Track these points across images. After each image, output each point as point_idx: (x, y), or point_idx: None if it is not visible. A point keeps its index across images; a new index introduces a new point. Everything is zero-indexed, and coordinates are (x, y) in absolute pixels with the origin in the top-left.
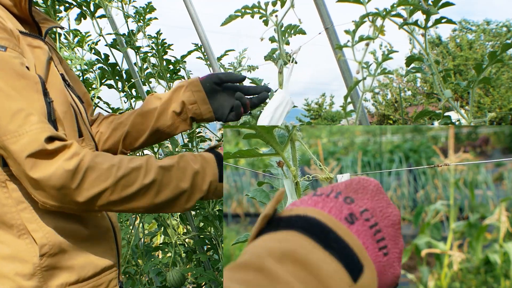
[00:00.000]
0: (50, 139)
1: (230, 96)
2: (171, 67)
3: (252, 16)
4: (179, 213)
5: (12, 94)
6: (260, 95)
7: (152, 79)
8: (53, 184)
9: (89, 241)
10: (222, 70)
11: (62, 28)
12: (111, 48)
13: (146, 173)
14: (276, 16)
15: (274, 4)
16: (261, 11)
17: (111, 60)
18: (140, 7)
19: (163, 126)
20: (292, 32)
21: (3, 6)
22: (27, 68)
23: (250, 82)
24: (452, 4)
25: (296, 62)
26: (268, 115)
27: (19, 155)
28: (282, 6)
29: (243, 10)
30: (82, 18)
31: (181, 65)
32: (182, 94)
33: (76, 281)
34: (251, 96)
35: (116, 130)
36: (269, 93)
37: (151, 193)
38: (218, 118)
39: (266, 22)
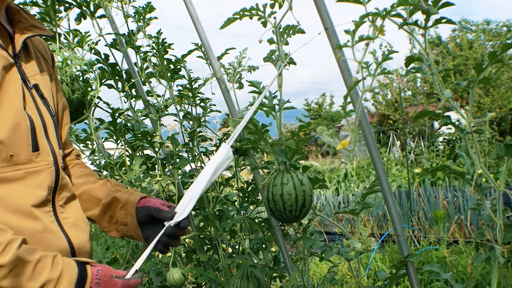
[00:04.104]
0: None
1: (161, 226)
2: (172, 66)
3: (251, 18)
4: None
5: None
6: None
7: (152, 79)
8: None
9: None
10: (222, 70)
11: (53, 36)
12: (111, 48)
13: (2, 255)
14: (275, 18)
15: (272, 6)
16: (259, 13)
17: (111, 60)
18: (140, 7)
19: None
20: (291, 32)
21: None
22: None
23: (249, 85)
24: (452, 4)
25: (294, 63)
26: (211, 170)
27: None
28: (280, 7)
29: (241, 13)
30: (82, 18)
31: (181, 64)
32: (118, 211)
33: None
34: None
35: (89, 202)
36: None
37: None
38: (148, 242)
39: (264, 24)
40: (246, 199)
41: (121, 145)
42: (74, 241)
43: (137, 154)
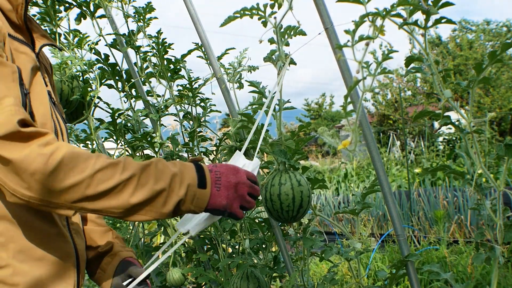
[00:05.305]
0: (24, 123)
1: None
2: (172, 66)
3: (251, 17)
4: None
5: None
6: None
7: (152, 79)
8: (26, 167)
9: (41, 262)
10: (222, 70)
11: (59, 49)
12: (111, 48)
13: (124, 169)
14: (275, 18)
15: (272, 6)
16: (259, 12)
17: (111, 60)
18: (140, 7)
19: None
20: (292, 33)
21: (2, 11)
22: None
23: (249, 85)
24: (452, 4)
25: (294, 63)
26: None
27: None
28: (279, 8)
29: (242, 12)
30: (82, 18)
31: (181, 64)
32: (106, 257)
33: None
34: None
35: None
36: None
37: (128, 190)
38: None
39: (265, 24)
40: None
41: (121, 145)
42: (78, 247)
43: (137, 154)
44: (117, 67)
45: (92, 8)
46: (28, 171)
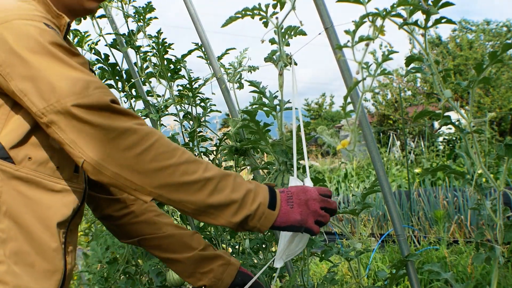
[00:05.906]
0: (115, 103)
1: None
2: (172, 66)
3: (253, 17)
4: (179, 213)
5: (72, 64)
6: None
7: (152, 79)
8: (122, 140)
9: (32, 269)
10: (222, 70)
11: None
12: (111, 48)
13: (207, 169)
14: (277, 18)
15: (274, 6)
16: (261, 13)
17: (111, 60)
18: (140, 7)
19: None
20: (293, 33)
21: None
22: None
23: (249, 85)
24: (452, 4)
25: (296, 64)
26: None
27: (87, 111)
28: (281, 8)
29: (243, 12)
30: (82, 18)
31: (181, 64)
32: (218, 266)
33: None
34: None
35: (177, 246)
36: None
37: (207, 189)
38: None
39: (266, 24)
40: None
41: None
42: (68, 267)
43: None
44: (117, 67)
45: None
46: (123, 145)
